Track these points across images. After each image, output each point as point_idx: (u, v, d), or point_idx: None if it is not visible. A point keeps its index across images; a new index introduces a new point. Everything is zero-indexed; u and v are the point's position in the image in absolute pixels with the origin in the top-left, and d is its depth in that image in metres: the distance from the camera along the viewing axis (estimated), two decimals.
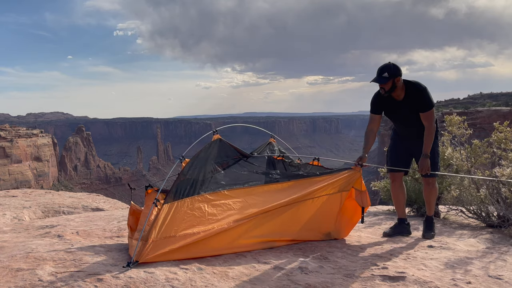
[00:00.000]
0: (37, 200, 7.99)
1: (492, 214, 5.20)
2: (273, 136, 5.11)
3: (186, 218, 3.80)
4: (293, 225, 4.24)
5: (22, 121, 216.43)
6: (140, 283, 3.10)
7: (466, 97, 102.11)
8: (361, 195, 4.45)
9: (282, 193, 4.27)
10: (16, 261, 3.49)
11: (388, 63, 4.41)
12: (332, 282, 3.31)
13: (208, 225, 3.81)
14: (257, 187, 4.27)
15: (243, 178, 4.31)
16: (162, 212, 3.76)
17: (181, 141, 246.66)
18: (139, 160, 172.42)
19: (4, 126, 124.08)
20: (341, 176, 4.43)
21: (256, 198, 4.17)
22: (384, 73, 4.33)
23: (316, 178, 4.43)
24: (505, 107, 66.67)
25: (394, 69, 4.33)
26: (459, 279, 3.41)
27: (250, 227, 3.99)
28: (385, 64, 4.40)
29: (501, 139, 5.28)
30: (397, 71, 4.33)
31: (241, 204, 4.08)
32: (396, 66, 4.37)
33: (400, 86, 4.39)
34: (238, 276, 3.36)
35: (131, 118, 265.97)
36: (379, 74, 4.36)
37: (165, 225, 3.69)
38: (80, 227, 5.07)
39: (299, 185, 4.37)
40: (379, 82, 4.37)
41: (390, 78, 4.32)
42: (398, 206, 4.81)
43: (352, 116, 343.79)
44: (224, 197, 4.07)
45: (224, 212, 3.96)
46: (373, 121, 4.66)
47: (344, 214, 4.52)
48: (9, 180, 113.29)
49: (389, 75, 4.31)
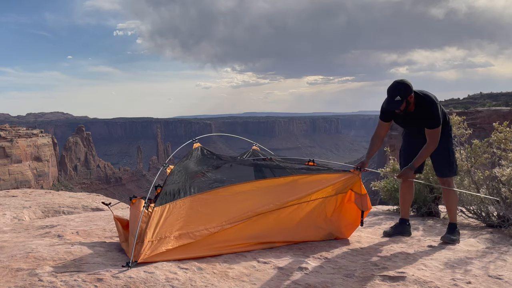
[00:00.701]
0: (37, 200, 7.99)
1: (492, 214, 5.20)
2: (256, 144, 5.14)
3: (180, 218, 3.80)
4: (291, 224, 4.22)
5: (22, 121, 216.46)
6: (140, 283, 3.10)
7: (466, 97, 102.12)
8: (361, 199, 4.42)
9: (277, 191, 4.22)
10: (16, 261, 3.49)
11: (397, 84, 4.23)
12: (332, 282, 3.31)
13: (202, 224, 3.82)
14: (248, 183, 4.21)
15: (233, 176, 4.28)
16: (155, 215, 3.75)
17: (181, 141, 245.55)
18: (139, 160, 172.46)
19: (4, 126, 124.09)
20: (339, 179, 4.38)
21: (249, 196, 4.13)
22: (396, 97, 4.17)
23: (312, 176, 4.35)
24: (505, 107, 66.66)
25: (405, 90, 4.18)
26: (459, 279, 3.41)
27: (245, 226, 3.97)
28: (394, 85, 4.22)
29: (501, 139, 5.28)
30: (408, 90, 4.18)
31: (234, 202, 4.06)
32: (405, 85, 4.20)
33: (412, 100, 4.27)
34: (238, 276, 3.36)
35: (131, 118, 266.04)
36: (391, 98, 4.20)
37: (159, 227, 3.69)
38: (80, 227, 5.07)
39: (294, 183, 4.30)
40: (394, 109, 4.24)
41: (403, 100, 4.19)
42: (404, 206, 4.77)
43: (352, 116, 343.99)
44: (216, 195, 4.05)
45: (217, 211, 3.95)
46: (381, 127, 4.56)
47: (345, 216, 4.50)
48: (9, 180, 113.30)
49: (402, 97, 4.16)
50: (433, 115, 4.29)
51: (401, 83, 4.23)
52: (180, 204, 3.89)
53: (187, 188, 4.03)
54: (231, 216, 3.95)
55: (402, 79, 4.28)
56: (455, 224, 4.56)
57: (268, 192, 4.20)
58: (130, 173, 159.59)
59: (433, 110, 4.28)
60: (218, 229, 3.84)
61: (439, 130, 4.32)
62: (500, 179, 5.01)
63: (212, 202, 4.00)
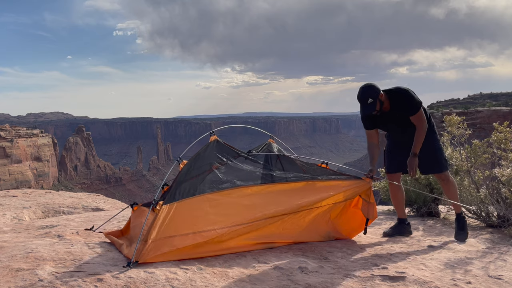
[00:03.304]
0: (37, 200, 7.99)
1: (492, 214, 5.20)
2: (272, 136, 5.01)
3: (186, 218, 3.77)
4: (295, 229, 4.19)
5: (22, 121, 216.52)
6: (140, 283, 3.10)
7: (466, 97, 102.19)
8: (368, 206, 4.37)
9: (287, 196, 4.18)
10: (16, 261, 3.49)
11: (364, 88, 4.30)
12: (332, 282, 3.31)
13: (209, 225, 3.79)
14: (259, 186, 4.18)
15: (244, 177, 4.22)
16: (162, 213, 3.73)
17: (181, 141, 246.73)
18: (139, 160, 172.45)
19: (4, 126, 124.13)
20: (351, 186, 4.33)
21: (259, 199, 4.09)
22: (367, 99, 4.25)
23: (324, 182, 4.31)
24: (505, 107, 66.71)
25: (373, 90, 4.26)
26: (459, 279, 3.41)
27: (252, 229, 3.95)
28: (362, 90, 4.29)
29: (501, 139, 5.28)
30: (376, 89, 4.26)
31: (243, 204, 4.03)
32: (371, 86, 4.29)
33: (384, 99, 4.33)
34: (238, 276, 3.36)
35: (131, 118, 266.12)
36: (364, 103, 4.26)
37: (164, 226, 3.67)
38: (80, 227, 5.07)
39: (305, 189, 4.26)
40: (371, 111, 4.30)
41: (376, 100, 4.25)
42: (397, 207, 4.79)
43: (352, 116, 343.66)
44: (226, 196, 4.01)
45: (225, 212, 3.92)
46: (370, 135, 4.60)
47: (349, 221, 4.46)
48: (9, 180, 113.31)
49: (373, 98, 4.24)
50: (409, 101, 4.32)
51: (366, 86, 4.32)
52: (188, 203, 3.85)
53: (197, 186, 3.98)
54: (240, 218, 3.91)
55: (366, 83, 4.35)
56: (460, 214, 4.62)
57: (278, 197, 4.15)
58: (130, 173, 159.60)
59: (408, 96, 4.33)
60: (225, 230, 3.81)
61: (422, 112, 4.35)
62: (500, 179, 5.01)
63: (221, 203, 3.95)
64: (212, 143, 4.42)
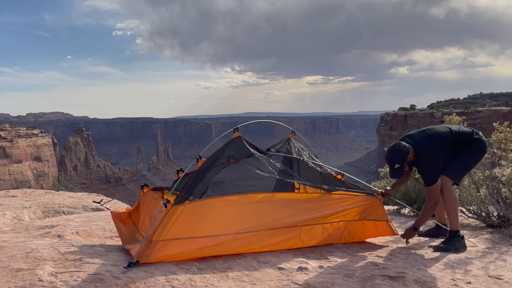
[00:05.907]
0: (37, 200, 7.99)
1: (492, 214, 5.19)
2: (294, 132, 4.83)
3: (194, 221, 3.73)
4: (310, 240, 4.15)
5: (22, 121, 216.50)
6: (140, 283, 3.10)
7: (466, 97, 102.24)
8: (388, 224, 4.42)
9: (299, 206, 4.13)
10: (16, 261, 3.49)
11: (391, 152, 4.09)
12: (332, 282, 3.31)
13: (217, 230, 3.76)
14: (270, 193, 4.11)
15: (256, 182, 4.15)
16: (171, 214, 3.67)
17: (181, 141, 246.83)
18: (139, 160, 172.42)
19: (4, 126, 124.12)
20: (363, 202, 4.33)
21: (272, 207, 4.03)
22: (394, 165, 4.07)
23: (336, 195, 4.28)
24: (505, 107, 66.78)
25: (400, 156, 4.04)
26: (459, 279, 3.41)
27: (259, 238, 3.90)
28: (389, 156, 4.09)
29: (501, 139, 5.28)
30: (403, 155, 4.03)
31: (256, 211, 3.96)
32: (399, 150, 4.04)
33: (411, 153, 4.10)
34: (238, 276, 3.36)
35: (131, 118, 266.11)
36: (391, 168, 4.09)
37: (172, 227, 3.63)
38: (80, 227, 5.07)
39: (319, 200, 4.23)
40: (399, 177, 4.21)
41: (403, 164, 4.09)
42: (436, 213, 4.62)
43: (352, 116, 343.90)
44: (238, 202, 3.95)
45: (236, 218, 3.86)
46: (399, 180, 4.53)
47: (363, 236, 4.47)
48: (9, 180, 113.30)
49: (400, 163, 4.07)
50: (427, 172, 4.10)
51: (393, 150, 4.09)
52: (199, 205, 3.80)
53: (210, 188, 3.92)
54: (249, 225, 3.88)
55: (395, 146, 4.11)
56: (454, 232, 4.19)
57: (290, 207, 4.10)
58: (130, 173, 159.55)
59: (428, 166, 4.07)
60: (233, 236, 3.79)
61: (437, 187, 4.06)
62: (500, 179, 5.01)
63: (232, 208, 3.90)
64: (232, 141, 4.30)
